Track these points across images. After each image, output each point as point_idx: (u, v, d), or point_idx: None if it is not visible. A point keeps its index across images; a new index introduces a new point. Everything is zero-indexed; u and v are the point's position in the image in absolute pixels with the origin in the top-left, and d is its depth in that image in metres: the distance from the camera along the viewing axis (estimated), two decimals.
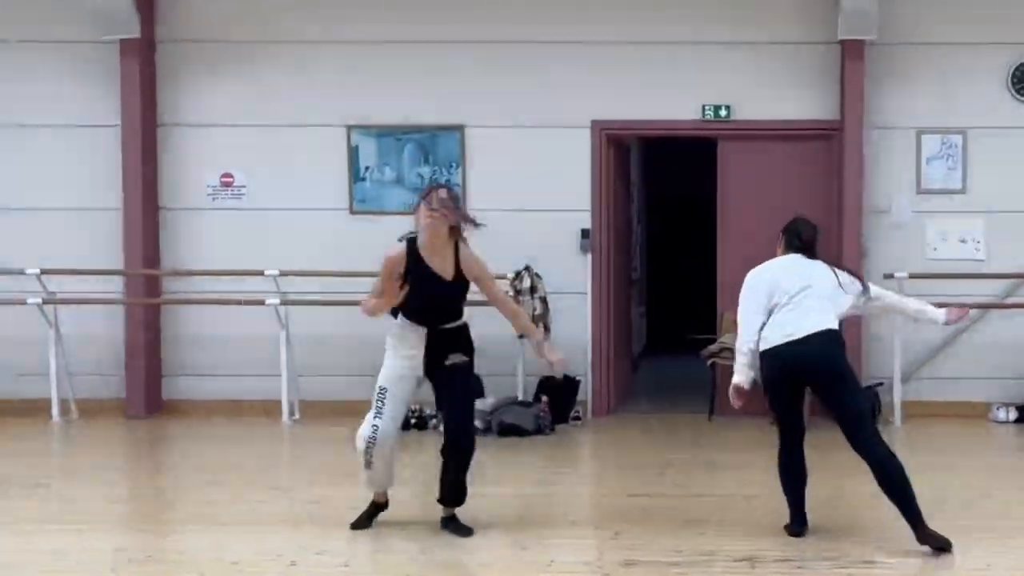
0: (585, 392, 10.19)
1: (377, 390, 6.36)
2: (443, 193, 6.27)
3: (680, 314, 14.46)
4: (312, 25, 10.39)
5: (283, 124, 10.44)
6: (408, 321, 6.31)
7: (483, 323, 9.83)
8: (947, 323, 6.78)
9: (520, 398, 9.82)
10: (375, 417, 6.34)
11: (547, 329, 9.62)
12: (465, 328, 6.45)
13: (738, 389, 6.37)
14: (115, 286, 10.59)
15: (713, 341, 10.22)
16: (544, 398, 9.72)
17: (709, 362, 10.10)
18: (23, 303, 10.11)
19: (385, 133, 10.40)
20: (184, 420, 10.28)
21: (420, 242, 6.26)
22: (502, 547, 6.15)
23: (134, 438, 9.78)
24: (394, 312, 6.34)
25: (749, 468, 8.19)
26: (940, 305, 6.85)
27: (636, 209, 13.09)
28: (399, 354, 6.35)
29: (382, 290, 6.28)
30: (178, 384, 10.66)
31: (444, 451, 6.39)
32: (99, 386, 10.50)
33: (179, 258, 10.63)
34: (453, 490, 6.43)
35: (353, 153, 10.44)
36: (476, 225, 6.33)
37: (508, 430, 9.32)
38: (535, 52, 10.26)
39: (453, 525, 6.43)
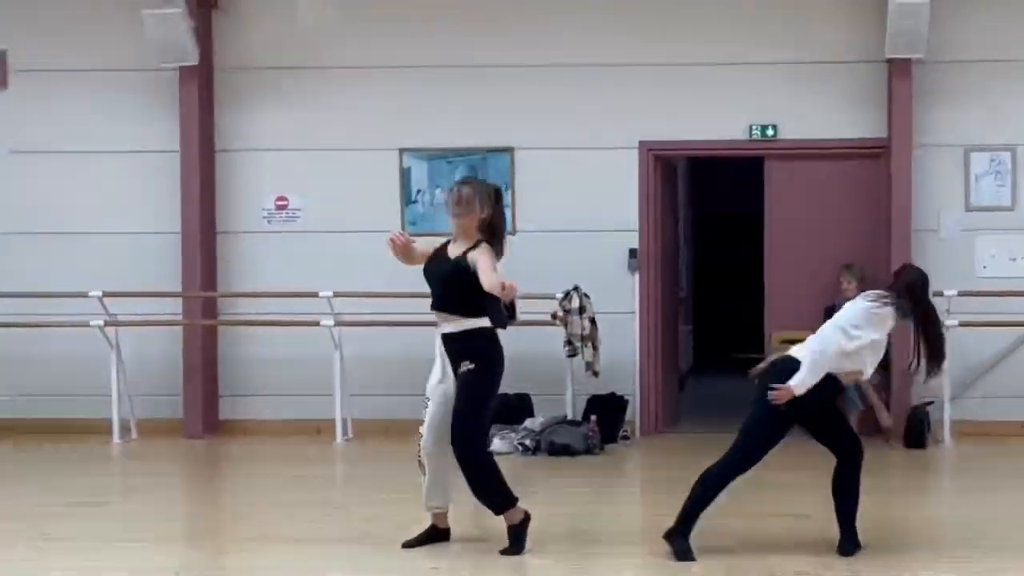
0: (633, 411, 10.30)
1: (424, 398, 6.49)
2: (465, 191, 6.37)
3: (727, 333, 14.51)
4: (364, 51, 10.61)
5: (337, 148, 10.65)
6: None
7: (532, 344, 10.10)
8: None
9: (569, 417, 9.93)
10: (421, 426, 6.45)
11: (595, 348, 9.74)
12: (473, 333, 6.42)
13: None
14: (174, 308, 10.84)
15: (760, 360, 10.26)
16: (593, 417, 9.82)
17: (756, 381, 10.13)
18: (86, 325, 10.37)
19: (436, 156, 10.59)
20: (240, 440, 10.49)
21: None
22: (555, 568, 6.20)
23: (192, 457, 10.00)
24: None
25: (801, 488, 8.22)
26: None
27: (683, 228, 13.18)
28: (437, 360, 6.44)
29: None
30: (235, 404, 10.88)
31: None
32: (158, 406, 10.73)
33: (236, 280, 10.86)
34: (482, 501, 6.45)
35: (405, 176, 10.63)
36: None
37: (558, 450, 9.43)
38: (583, 75, 10.41)
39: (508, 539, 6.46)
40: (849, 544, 6.44)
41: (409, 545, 6.53)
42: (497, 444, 9.61)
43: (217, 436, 10.66)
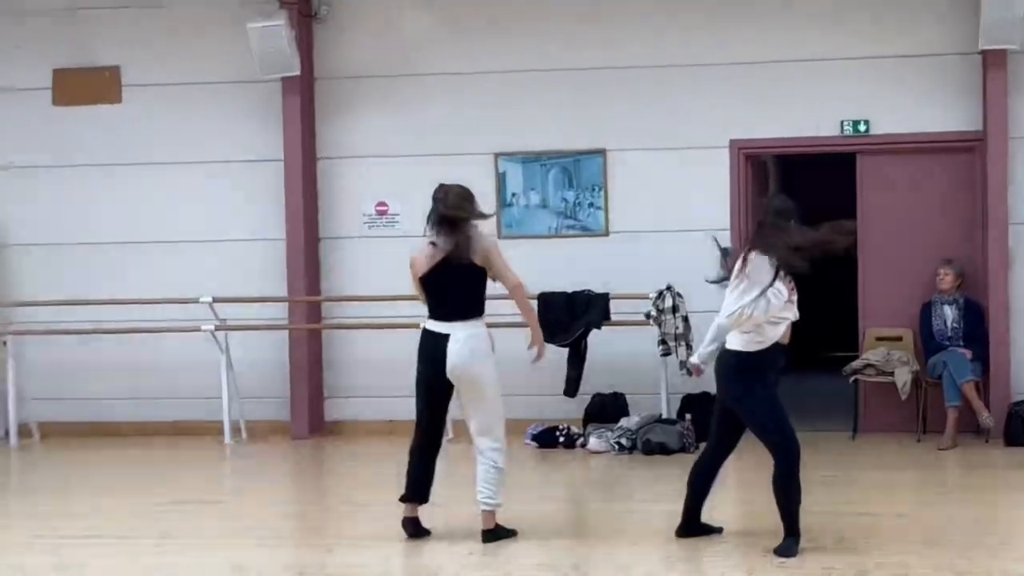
0: None
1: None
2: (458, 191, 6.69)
3: (820, 331, 14.46)
4: (459, 58, 10.83)
5: (434, 153, 10.83)
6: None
7: (625, 342, 10.23)
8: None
9: (664, 416, 10.04)
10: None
11: (689, 347, 9.82)
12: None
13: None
14: (280, 313, 11.19)
15: (854, 358, 10.30)
16: (688, 416, 9.93)
17: (852, 379, 10.18)
18: (198, 330, 10.76)
19: (530, 159, 10.77)
20: (345, 440, 10.79)
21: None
22: (653, 563, 6.34)
23: (299, 458, 10.33)
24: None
25: (896, 486, 8.29)
26: None
27: None
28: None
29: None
30: (339, 406, 11.18)
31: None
32: (267, 409, 11.07)
33: (339, 285, 11.16)
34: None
35: (501, 179, 10.84)
36: (485, 217, 6.78)
37: (653, 448, 9.55)
38: (674, 75, 10.51)
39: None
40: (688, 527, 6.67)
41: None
42: (593, 443, 9.78)
43: (323, 436, 10.98)
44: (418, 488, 6.88)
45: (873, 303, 10.40)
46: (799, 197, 7.03)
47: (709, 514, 6.90)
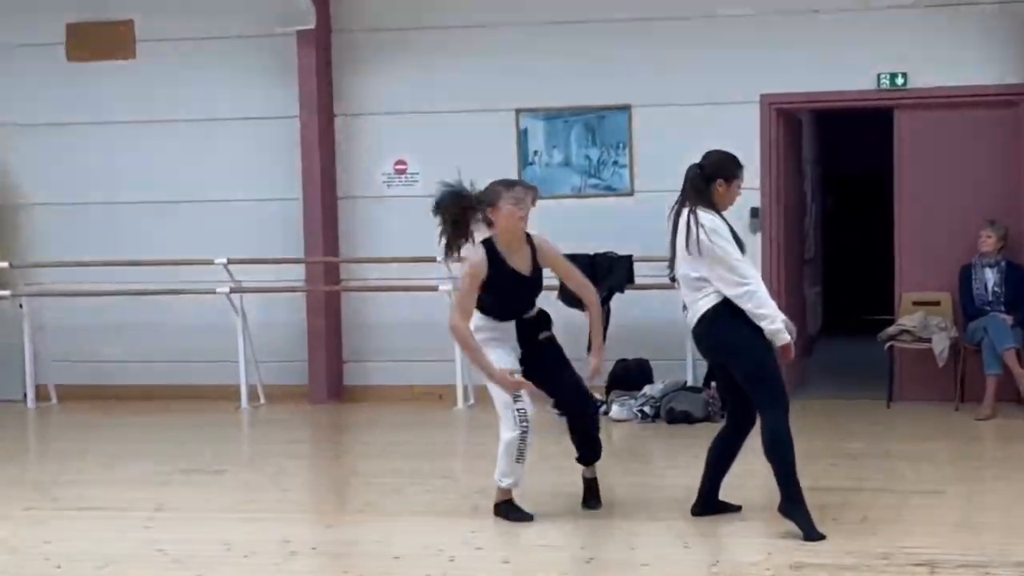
0: None
1: None
2: (532, 193, 6.31)
3: (858, 293, 14.09)
4: (480, 11, 10.45)
5: (454, 110, 10.52)
6: (491, 318, 6.33)
7: (651, 309, 9.88)
8: None
9: (689, 383, 9.69)
10: (516, 402, 6.30)
11: None
12: (543, 312, 6.52)
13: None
14: (298, 274, 10.92)
15: (891, 322, 9.87)
16: (714, 384, 9.54)
17: (887, 345, 9.75)
18: (212, 292, 10.52)
19: (553, 116, 10.39)
20: (364, 406, 10.53)
21: (500, 243, 6.28)
22: (666, 544, 6.00)
23: (315, 424, 10.09)
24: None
25: (929, 460, 7.89)
26: None
27: (810, 186, 12.74)
28: (498, 343, 6.34)
29: (465, 308, 6.26)
30: (359, 370, 10.92)
31: (570, 414, 6.49)
32: (286, 372, 10.82)
33: (357, 245, 10.87)
34: (592, 448, 6.56)
35: (522, 137, 10.46)
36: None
37: (677, 417, 9.21)
38: (702, 27, 10.07)
39: (594, 493, 6.60)
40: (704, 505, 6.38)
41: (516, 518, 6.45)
42: (616, 411, 9.46)
43: (342, 402, 10.73)
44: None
45: (910, 265, 9.94)
46: (834, 154, 6.58)
47: (727, 492, 6.56)
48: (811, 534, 5.90)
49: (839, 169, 14.75)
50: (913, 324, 9.58)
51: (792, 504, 5.99)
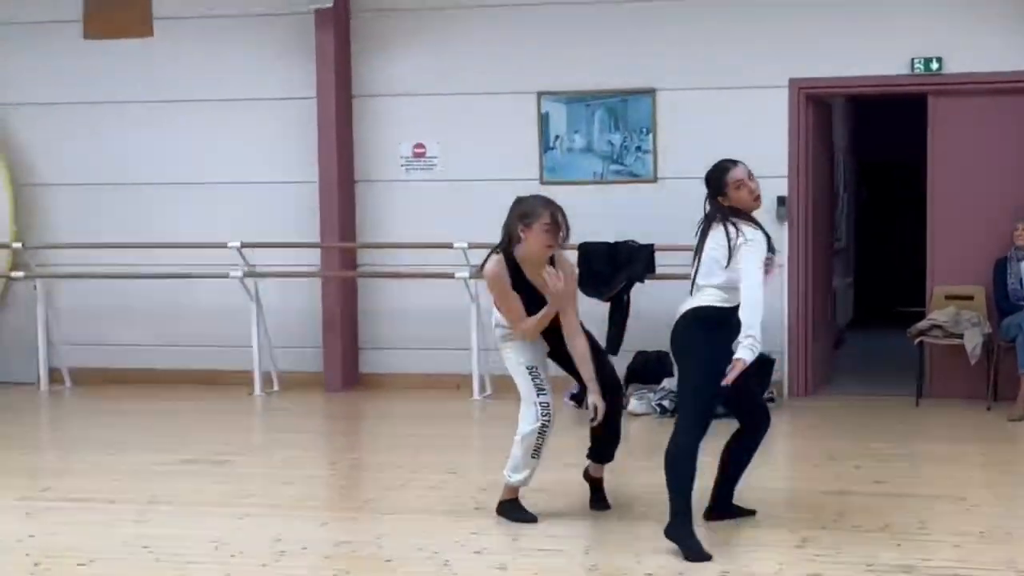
0: (781, 371, 9.65)
1: (527, 370, 6.10)
2: (566, 231, 6.02)
3: (892, 285, 13.72)
4: None
5: (474, 92, 10.25)
6: None
7: (672, 299, 9.40)
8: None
9: None
10: (539, 395, 6.08)
11: None
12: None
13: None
14: (314, 259, 10.69)
15: (923, 315, 9.50)
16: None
17: (916, 341, 9.39)
18: (226, 276, 10.31)
19: (575, 99, 10.07)
20: (378, 395, 10.29)
21: (520, 255, 6.01)
22: (675, 551, 5.67)
23: (327, 413, 9.86)
24: None
25: (958, 462, 7.53)
26: None
27: (842, 175, 12.37)
28: (526, 342, 6.13)
29: (511, 309, 6.02)
30: (375, 357, 10.68)
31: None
32: (302, 359, 10.60)
33: (374, 231, 10.63)
34: (609, 445, 6.31)
35: (543, 121, 10.17)
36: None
37: None
38: (730, 8, 9.72)
39: (600, 494, 6.39)
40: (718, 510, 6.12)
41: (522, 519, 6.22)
42: (634, 404, 9.17)
43: (357, 390, 10.50)
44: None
45: (942, 258, 9.56)
46: (865, 141, 6.28)
47: (740, 495, 6.27)
48: (698, 555, 5.58)
49: (874, 157, 14.41)
50: (944, 319, 9.21)
51: (678, 526, 5.69)
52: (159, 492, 6.92)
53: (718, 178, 6.01)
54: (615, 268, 9.43)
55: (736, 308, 5.59)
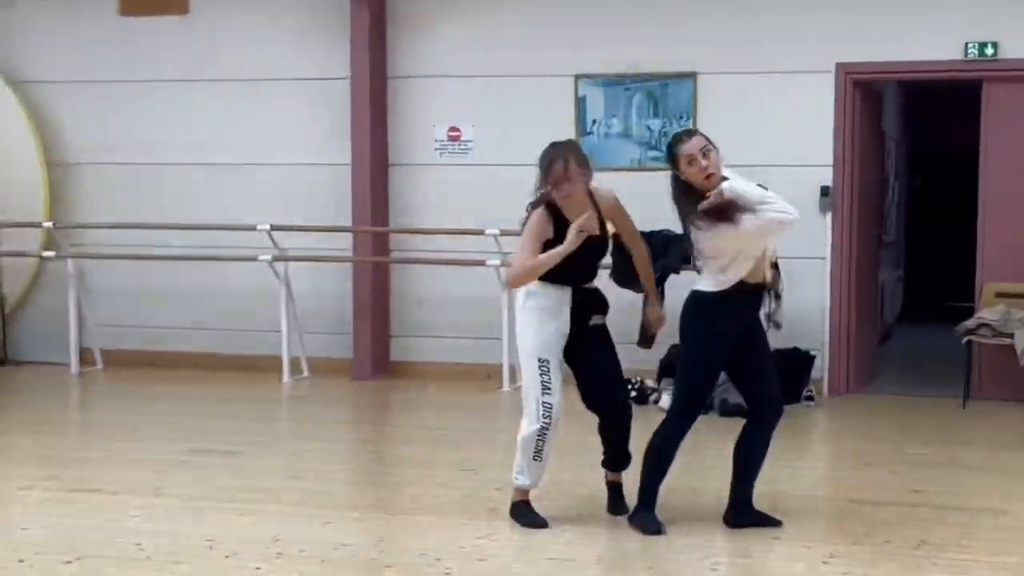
0: (821, 369, 9.28)
1: (538, 362, 5.79)
2: (572, 165, 5.78)
3: (944, 279, 13.26)
4: None
5: (510, 75, 9.97)
6: (548, 283, 5.79)
7: None
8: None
9: None
10: (543, 393, 5.78)
11: (778, 297, 8.71)
12: (599, 290, 6.02)
13: None
14: (346, 244, 10.47)
15: (973, 312, 9.08)
16: None
17: (965, 339, 8.97)
18: (254, 259, 10.13)
19: (613, 83, 9.74)
20: (407, 383, 10.06)
21: (562, 204, 5.76)
22: (692, 562, 5.40)
23: (353, 402, 9.64)
24: None
25: (1003, 471, 7.10)
26: None
27: (893, 165, 11.90)
28: (548, 318, 5.81)
29: (534, 250, 5.76)
30: (406, 345, 10.46)
31: (597, 415, 6.01)
32: (332, 345, 10.41)
33: (407, 215, 10.38)
34: (617, 456, 6.08)
35: (580, 105, 9.85)
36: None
37: (731, 410, 8.53)
38: None
39: (618, 498, 6.12)
40: (736, 515, 5.84)
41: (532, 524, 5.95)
42: (665, 400, 8.83)
43: (386, 378, 10.28)
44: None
45: (994, 253, 9.12)
46: (923, 130, 5.95)
47: (764, 501, 5.96)
48: (655, 529, 5.73)
49: (929, 147, 13.95)
50: (994, 318, 8.79)
51: (642, 512, 5.74)
52: (165, 484, 6.72)
53: (669, 149, 5.79)
54: (650, 259, 9.08)
55: (732, 289, 5.61)
